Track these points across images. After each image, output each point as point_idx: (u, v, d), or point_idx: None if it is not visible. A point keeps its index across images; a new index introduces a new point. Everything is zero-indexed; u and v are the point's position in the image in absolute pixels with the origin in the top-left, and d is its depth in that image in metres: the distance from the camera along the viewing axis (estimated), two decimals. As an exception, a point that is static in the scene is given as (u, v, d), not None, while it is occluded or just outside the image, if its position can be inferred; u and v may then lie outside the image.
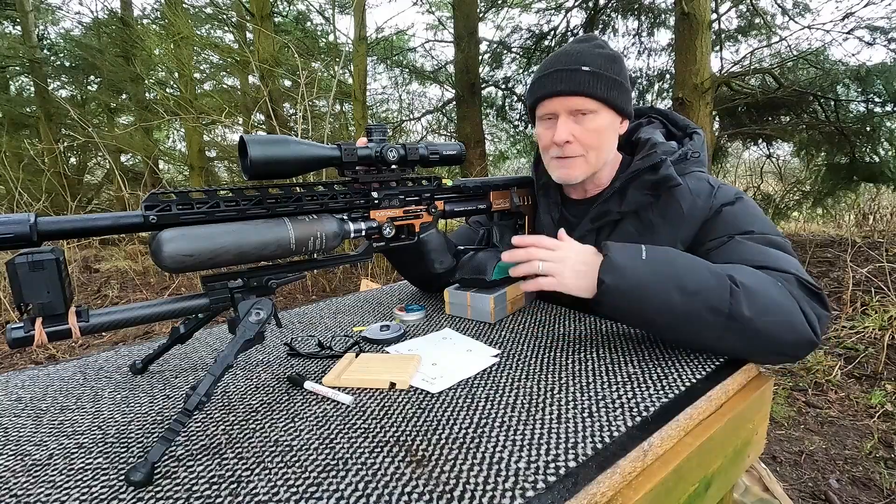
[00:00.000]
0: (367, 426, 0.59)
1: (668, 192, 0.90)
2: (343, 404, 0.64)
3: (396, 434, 0.57)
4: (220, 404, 0.66)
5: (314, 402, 0.65)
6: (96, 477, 0.51)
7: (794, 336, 0.71)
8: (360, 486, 0.48)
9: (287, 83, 5.25)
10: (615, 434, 0.56)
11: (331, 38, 6.95)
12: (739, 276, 0.72)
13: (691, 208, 0.89)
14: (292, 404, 0.65)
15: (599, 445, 0.54)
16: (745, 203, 0.89)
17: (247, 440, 0.57)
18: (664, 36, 6.31)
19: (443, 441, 0.55)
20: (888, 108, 4.26)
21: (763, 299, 0.70)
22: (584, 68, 0.88)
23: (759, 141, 5.54)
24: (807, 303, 0.73)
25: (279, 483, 0.49)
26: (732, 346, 0.73)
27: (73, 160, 7.35)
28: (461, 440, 0.55)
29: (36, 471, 0.53)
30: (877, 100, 4.27)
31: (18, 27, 7.15)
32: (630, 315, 0.77)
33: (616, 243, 0.77)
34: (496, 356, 0.78)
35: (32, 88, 7.20)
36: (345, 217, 0.74)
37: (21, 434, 0.61)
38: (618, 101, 0.91)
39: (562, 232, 0.82)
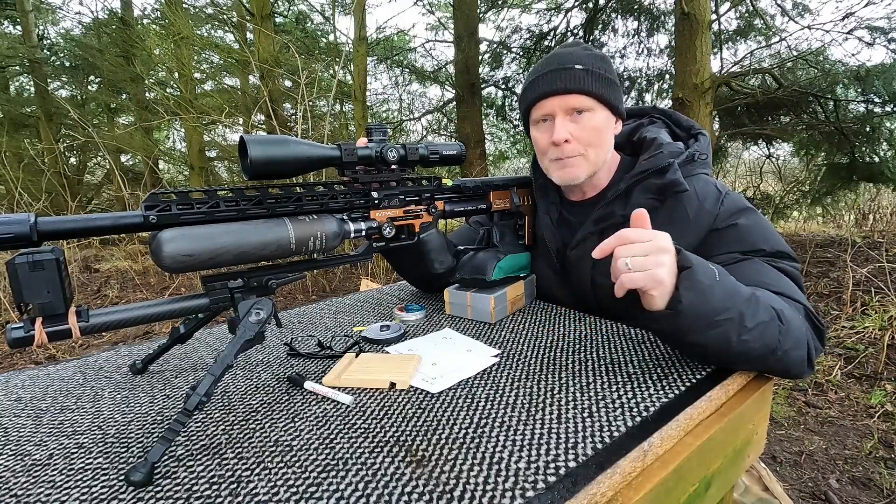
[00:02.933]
0: (367, 426, 0.59)
1: (673, 197, 0.89)
2: (343, 404, 0.64)
3: (396, 434, 0.57)
4: (220, 404, 0.66)
5: (314, 402, 0.65)
6: (96, 477, 0.51)
7: (800, 369, 0.73)
8: (360, 486, 0.48)
9: (287, 83, 5.24)
10: (615, 434, 0.56)
11: (331, 38, 6.95)
12: (785, 310, 0.70)
13: (697, 213, 0.88)
14: (292, 404, 0.65)
15: (599, 445, 0.54)
16: (756, 217, 0.87)
17: (247, 440, 0.57)
18: (664, 36, 6.31)
19: (443, 441, 0.55)
20: (888, 109, 4.26)
21: (795, 334, 0.70)
22: (577, 66, 0.88)
23: (759, 141, 5.54)
24: (812, 337, 0.74)
25: (279, 483, 0.49)
26: (751, 369, 0.73)
27: (73, 160, 7.35)
28: (461, 440, 0.55)
29: (36, 471, 0.53)
30: (876, 100, 4.27)
31: (18, 27, 7.15)
32: (680, 339, 0.69)
33: (693, 254, 0.67)
34: (496, 356, 0.78)
35: (32, 88, 7.20)
36: (345, 217, 0.74)
37: (21, 434, 0.61)
38: (612, 99, 0.91)
39: (644, 214, 0.67)
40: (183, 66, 5.22)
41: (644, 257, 0.63)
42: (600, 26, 6.34)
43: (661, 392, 0.65)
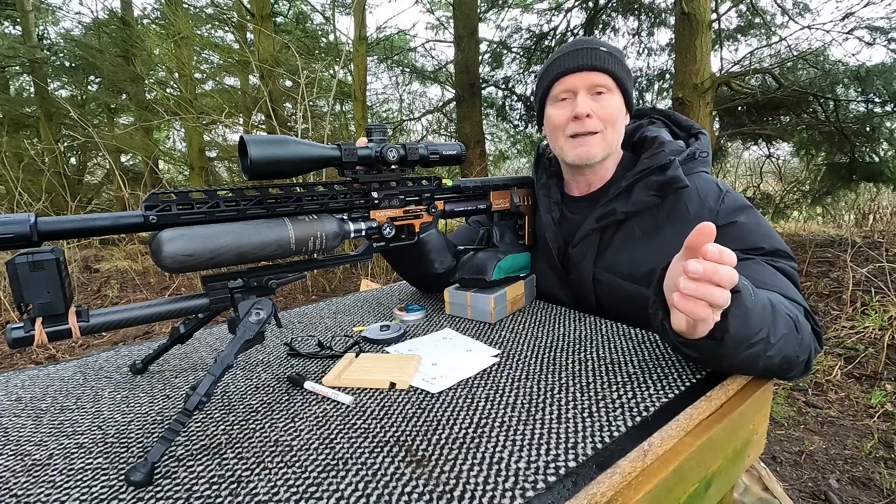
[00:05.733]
0: (367, 426, 0.59)
1: (675, 194, 0.90)
2: (343, 404, 0.64)
3: (396, 434, 0.57)
4: (220, 404, 0.66)
5: (314, 402, 0.65)
6: (96, 477, 0.51)
7: (801, 371, 0.72)
8: (360, 486, 0.48)
9: (287, 83, 5.25)
10: (615, 434, 0.56)
11: (331, 38, 6.95)
12: (799, 317, 0.70)
13: (698, 211, 0.88)
14: (292, 404, 0.65)
15: (599, 445, 0.54)
16: (755, 215, 0.87)
17: (247, 440, 0.57)
18: (664, 36, 6.32)
19: (443, 441, 0.55)
20: (888, 108, 4.26)
21: (806, 341, 0.70)
22: (602, 48, 0.91)
23: (759, 141, 5.54)
24: (812, 339, 0.73)
25: (279, 483, 0.49)
26: (761, 376, 0.73)
27: (73, 160, 7.35)
28: (461, 440, 0.55)
29: (36, 471, 0.53)
30: (877, 100, 4.27)
31: (18, 27, 7.15)
32: (712, 363, 0.67)
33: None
34: (496, 356, 0.78)
35: (32, 88, 7.20)
36: (345, 217, 0.74)
37: (21, 434, 0.61)
38: (628, 87, 0.94)
39: (712, 229, 0.54)
40: (183, 66, 5.22)
41: (718, 289, 0.54)
42: (601, 26, 6.34)
43: (661, 392, 0.65)
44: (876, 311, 2.76)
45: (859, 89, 4.29)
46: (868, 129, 4.38)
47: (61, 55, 7.57)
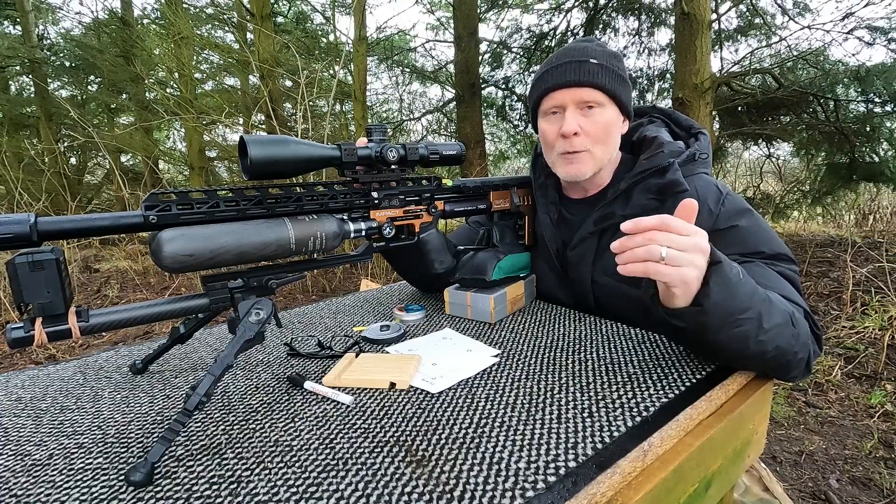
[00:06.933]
0: (367, 426, 0.59)
1: (674, 198, 0.89)
2: (343, 404, 0.64)
3: (396, 434, 0.57)
4: (220, 404, 0.66)
5: (314, 402, 0.65)
6: (96, 477, 0.51)
7: (800, 372, 0.72)
8: (360, 486, 0.48)
9: (287, 83, 5.25)
10: (615, 434, 0.56)
11: (331, 38, 6.96)
12: (796, 313, 0.71)
13: (698, 214, 0.88)
14: (292, 404, 0.65)
15: (599, 445, 0.54)
16: (756, 218, 0.86)
17: (247, 440, 0.57)
18: (664, 36, 6.32)
19: (443, 441, 0.55)
20: (888, 108, 4.26)
21: (803, 338, 0.70)
22: (592, 60, 0.88)
23: (759, 141, 5.54)
24: (812, 341, 0.73)
25: (279, 483, 0.49)
26: (757, 370, 0.73)
27: (73, 160, 7.35)
28: (461, 440, 0.55)
29: (36, 471, 0.53)
30: (877, 100, 4.27)
31: (18, 27, 7.15)
32: (699, 337, 0.67)
33: (718, 250, 0.65)
34: (496, 356, 0.78)
35: (32, 88, 7.20)
36: (345, 217, 0.74)
37: (21, 434, 0.61)
38: (622, 97, 0.91)
39: (694, 206, 0.64)
40: (183, 66, 5.22)
41: (681, 253, 0.60)
42: (601, 26, 6.34)
43: (661, 392, 0.65)
44: (876, 311, 2.76)
45: (859, 89, 4.29)
46: (868, 129, 4.38)
47: (61, 55, 7.57)
